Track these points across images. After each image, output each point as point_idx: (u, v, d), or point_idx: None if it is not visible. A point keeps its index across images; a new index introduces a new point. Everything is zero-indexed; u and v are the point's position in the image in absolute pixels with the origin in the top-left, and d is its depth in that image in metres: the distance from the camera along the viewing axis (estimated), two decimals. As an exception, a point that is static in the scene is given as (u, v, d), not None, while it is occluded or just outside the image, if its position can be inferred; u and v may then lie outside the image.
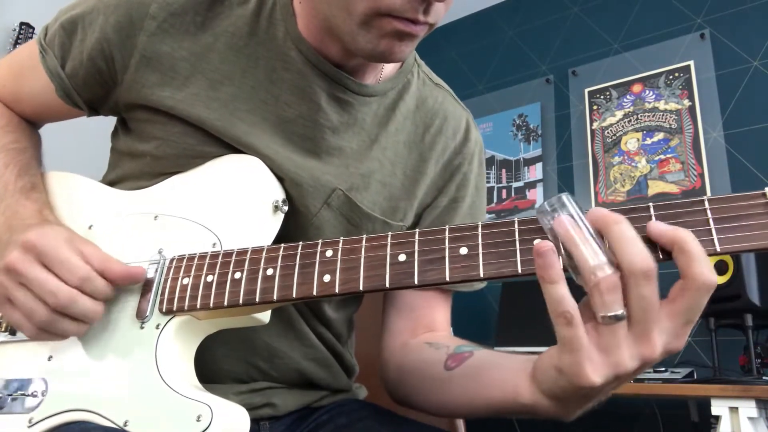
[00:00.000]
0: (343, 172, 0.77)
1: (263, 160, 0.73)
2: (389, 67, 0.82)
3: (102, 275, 0.65)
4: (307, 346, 0.80)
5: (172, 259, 0.68)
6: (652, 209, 0.49)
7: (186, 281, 0.65)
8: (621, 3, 3.23)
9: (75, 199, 0.80)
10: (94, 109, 0.84)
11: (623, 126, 3.05)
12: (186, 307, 0.64)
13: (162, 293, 0.66)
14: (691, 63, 2.92)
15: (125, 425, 0.61)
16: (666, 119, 2.93)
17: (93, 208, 0.78)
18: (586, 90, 3.22)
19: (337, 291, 0.57)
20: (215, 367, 0.74)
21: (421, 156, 0.84)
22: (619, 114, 3.08)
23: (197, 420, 0.58)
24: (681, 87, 2.92)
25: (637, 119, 3.02)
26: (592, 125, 3.15)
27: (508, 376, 0.61)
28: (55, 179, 0.83)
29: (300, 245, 0.61)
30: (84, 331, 0.66)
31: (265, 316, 0.67)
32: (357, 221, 0.78)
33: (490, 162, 3.45)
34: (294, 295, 0.59)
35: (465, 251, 0.53)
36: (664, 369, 2.25)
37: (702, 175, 2.75)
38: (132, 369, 0.64)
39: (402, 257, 0.55)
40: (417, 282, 0.54)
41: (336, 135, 0.77)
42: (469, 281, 0.54)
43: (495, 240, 0.53)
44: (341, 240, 0.59)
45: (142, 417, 0.61)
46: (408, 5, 0.62)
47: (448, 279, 0.53)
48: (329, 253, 0.58)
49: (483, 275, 0.53)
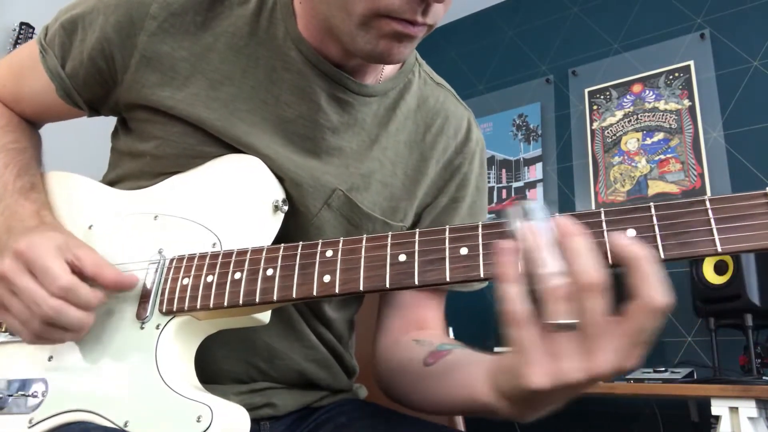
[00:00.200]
0: (344, 172, 0.77)
1: (263, 160, 0.73)
2: (390, 67, 0.82)
3: (94, 280, 0.65)
4: (308, 346, 0.80)
5: (172, 260, 0.68)
6: (653, 209, 0.48)
7: (186, 281, 0.65)
8: (621, 3, 3.23)
9: (75, 199, 0.80)
10: (94, 109, 0.84)
11: (623, 126, 3.05)
12: (186, 308, 0.64)
13: (162, 293, 0.66)
14: (691, 63, 2.92)
15: (125, 425, 0.61)
16: (666, 119, 2.93)
17: (93, 208, 0.78)
18: (586, 90, 3.22)
19: (337, 291, 0.56)
20: (215, 368, 0.74)
21: (422, 156, 0.84)
22: (619, 114, 3.08)
23: (197, 420, 0.58)
24: (681, 87, 2.92)
25: (637, 119, 3.02)
26: (592, 125, 3.15)
27: (474, 375, 0.61)
28: (55, 179, 0.83)
29: (300, 245, 0.61)
30: (79, 338, 0.66)
31: (265, 316, 0.67)
32: (357, 221, 0.78)
33: (490, 162, 3.44)
34: (294, 296, 0.59)
35: (465, 251, 0.53)
36: (664, 369, 2.25)
37: (702, 175, 2.75)
38: (132, 369, 0.64)
39: (402, 257, 0.55)
40: (417, 282, 0.54)
41: (336, 135, 0.77)
42: (470, 281, 0.54)
43: (495, 240, 0.53)
44: (341, 240, 0.59)
45: (142, 417, 0.61)
46: (406, 6, 0.62)
47: (448, 279, 0.53)
48: (329, 254, 0.58)
49: (483, 275, 0.53)
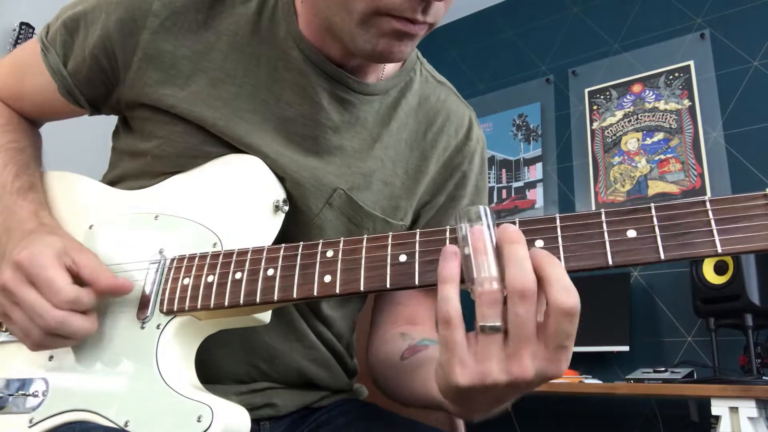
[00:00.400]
0: (345, 171, 0.77)
1: (264, 160, 0.73)
2: (391, 66, 0.81)
3: (91, 285, 0.65)
4: (308, 346, 0.80)
5: (172, 259, 0.68)
6: (653, 210, 0.48)
7: (186, 281, 0.65)
8: (621, 3, 3.23)
9: (75, 199, 0.80)
10: (95, 108, 0.84)
11: (623, 126, 3.05)
12: (186, 308, 0.64)
13: (162, 293, 0.66)
14: (691, 63, 2.92)
15: (126, 425, 0.61)
16: (666, 119, 2.93)
17: (93, 207, 0.78)
18: (586, 90, 3.22)
19: (338, 292, 0.56)
20: (216, 368, 0.74)
21: (423, 154, 0.84)
22: (619, 114, 3.08)
23: (198, 420, 0.58)
24: (681, 87, 2.92)
25: (637, 119, 3.02)
26: (592, 125, 3.15)
27: (431, 372, 0.61)
28: (56, 179, 0.82)
29: (300, 245, 0.61)
30: (81, 342, 0.67)
31: (266, 316, 0.67)
32: (359, 221, 0.78)
33: (490, 162, 3.45)
34: (295, 296, 0.59)
35: (467, 252, 0.53)
36: (664, 369, 2.25)
37: (702, 175, 2.75)
38: (133, 369, 0.64)
39: (403, 258, 0.55)
40: (418, 282, 0.54)
41: (337, 134, 0.77)
42: None
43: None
44: (342, 240, 0.59)
45: (142, 417, 0.61)
46: (407, 4, 0.62)
47: (448, 279, 0.53)
48: (330, 254, 0.58)
49: None
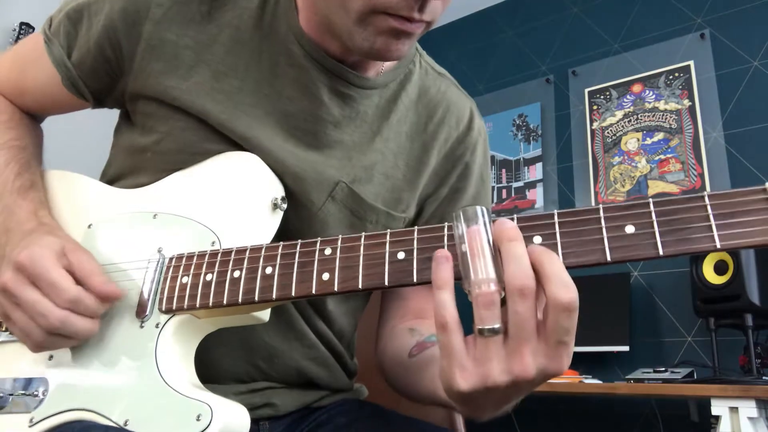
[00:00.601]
0: (346, 164, 0.77)
1: (267, 154, 0.73)
2: None
3: (85, 287, 0.65)
4: (307, 345, 0.80)
5: (171, 258, 0.68)
6: (651, 205, 0.48)
7: (185, 280, 0.65)
8: (621, 3, 3.23)
9: (74, 198, 0.80)
10: (99, 101, 0.83)
11: (623, 126, 3.05)
12: (185, 306, 0.64)
13: (161, 292, 0.66)
14: (691, 63, 2.92)
15: (125, 424, 0.61)
16: (666, 119, 2.93)
17: (92, 207, 0.78)
18: (586, 90, 3.22)
19: (336, 289, 0.56)
20: (215, 368, 0.74)
21: (424, 146, 0.84)
22: (619, 114, 3.08)
23: (197, 419, 0.58)
24: (681, 87, 2.92)
25: (637, 119, 3.02)
26: (592, 125, 3.15)
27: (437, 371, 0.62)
28: (56, 178, 0.83)
29: (299, 243, 0.61)
30: (83, 343, 0.67)
31: (265, 314, 0.67)
32: (361, 213, 0.78)
33: (489, 161, 3.45)
34: (293, 294, 0.59)
35: (463, 252, 0.53)
36: (664, 369, 2.25)
37: (702, 175, 2.75)
38: (132, 368, 0.64)
39: (401, 255, 0.55)
40: (416, 280, 0.54)
41: (338, 129, 0.77)
42: None
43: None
44: (340, 238, 0.59)
45: (142, 416, 0.61)
46: (403, 3, 0.62)
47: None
48: (328, 252, 0.58)
49: None
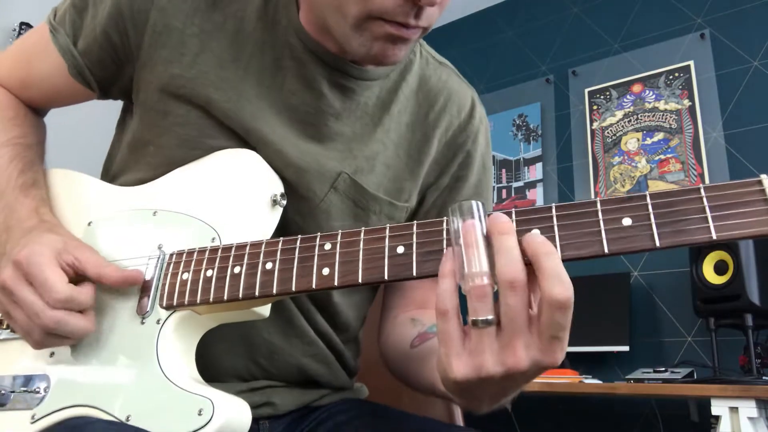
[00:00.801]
0: (347, 156, 0.77)
1: (269, 145, 0.73)
2: None
3: (99, 281, 0.66)
4: (306, 342, 0.80)
5: (171, 254, 0.68)
6: (648, 198, 0.49)
7: (186, 276, 0.65)
8: (621, 3, 3.24)
9: (75, 196, 0.80)
10: (104, 90, 0.83)
11: (623, 126, 3.06)
12: (186, 302, 0.64)
13: (162, 288, 0.66)
14: (691, 63, 2.92)
15: (128, 420, 0.61)
16: (666, 119, 2.93)
17: (92, 204, 0.78)
18: (586, 90, 3.22)
19: (336, 284, 0.57)
20: (216, 365, 0.74)
21: (425, 135, 0.84)
22: (619, 114, 3.08)
23: (199, 414, 0.58)
24: (681, 87, 2.93)
25: (637, 119, 3.02)
26: (592, 125, 3.15)
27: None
28: (57, 176, 0.83)
29: (299, 239, 0.61)
30: (83, 340, 0.67)
31: (265, 309, 0.67)
32: (364, 204, 0.78)
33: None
34: (293, 289, 0.59)
35: (457, 247, 0.54)
36: (664, 369, 2.25)
37: (702, 175, 2.75)
38: (133, 364, 0.64)
39: (401, 249, 0.55)
40: (416, 274, 0.54)
41: (339, 121, 0.78)
42: None
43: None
44: (339, 233, 0.59)
45: (144, 411, 0.61)
46: (399, 9, 0.63)
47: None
48: (328, 246, 0.58)
49: None
